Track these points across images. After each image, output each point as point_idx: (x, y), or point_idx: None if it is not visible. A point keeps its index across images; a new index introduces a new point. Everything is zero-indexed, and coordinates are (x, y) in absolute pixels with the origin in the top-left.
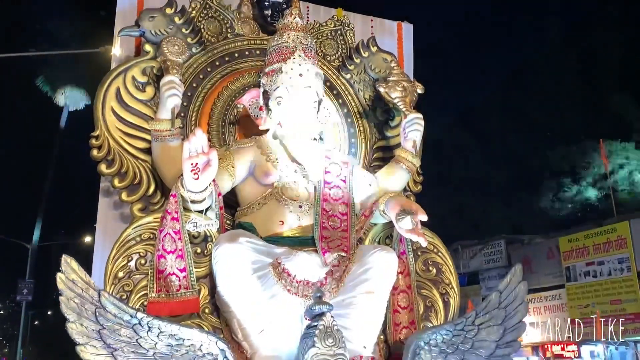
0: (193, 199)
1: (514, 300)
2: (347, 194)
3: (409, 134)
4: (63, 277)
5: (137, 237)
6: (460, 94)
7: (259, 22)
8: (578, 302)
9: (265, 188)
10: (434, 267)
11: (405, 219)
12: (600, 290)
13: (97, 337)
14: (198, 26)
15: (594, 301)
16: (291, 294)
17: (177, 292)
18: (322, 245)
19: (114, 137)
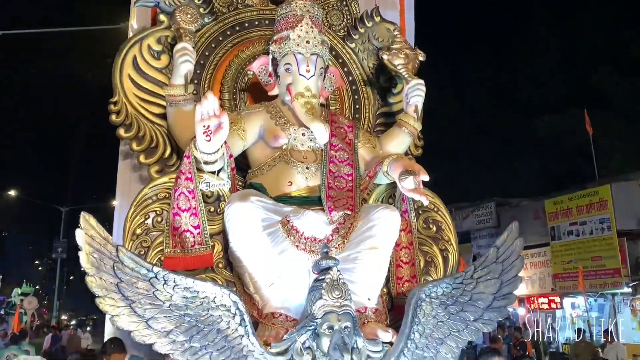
0: (206, 160)
1: (510, 256)
2: (352, 156)
3: (411, 99)
4: (82, 233)
5: (153, 197)
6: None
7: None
8: (561, 258)
9: (275, 151)
10: (434, 225)
11: (408, 179)
12: (582, 248)
13: (115, 290)
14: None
15: (576, 258)
16: (299, 250)
17: (191, 247)
18: (328, 204)
19: (132, 103)
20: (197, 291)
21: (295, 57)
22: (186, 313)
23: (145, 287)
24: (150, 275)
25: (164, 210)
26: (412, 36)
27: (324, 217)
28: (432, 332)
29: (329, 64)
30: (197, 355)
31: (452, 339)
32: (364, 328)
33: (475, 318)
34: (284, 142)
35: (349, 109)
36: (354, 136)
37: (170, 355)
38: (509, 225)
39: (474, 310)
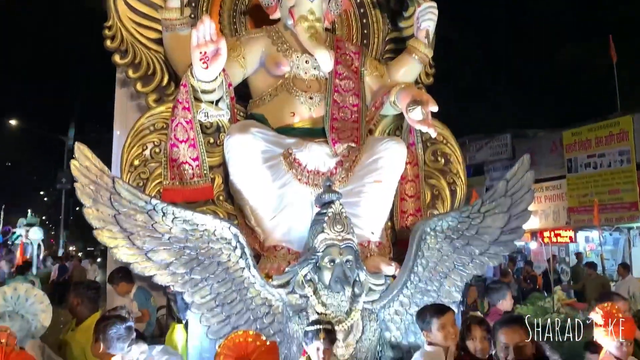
0: (203, 88)
1: (521, 189)
2: (358, 85)
3: (422, 24)
4: (77, 164)
5: (150, 127)
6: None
7: None
8: (577, 192)
9: (277, 79)
10: (443, 158)
11: (416, 110)
12: (599, 181)
13: (113, 221)
14: None
15: (592, 191)
16: (302, 183)
17: (190, 180)
18: (332, 136)
19: (127, 27)
20: (196, 224)
21: None
22: (186, 245)
23: (143, 219)
24: (148, 207)
25: (162, 141)
26: None
27: (327, 150)
28: (436, 266)
29: None
30: (197, 287)
31: (456, 272)
32: (367, 261)
33: (481, 252)
34: (287, 70)
35: (357, 34)
36: (360, 64)
37: (171, 287)
38: (520, 157)
39: (480, 244)
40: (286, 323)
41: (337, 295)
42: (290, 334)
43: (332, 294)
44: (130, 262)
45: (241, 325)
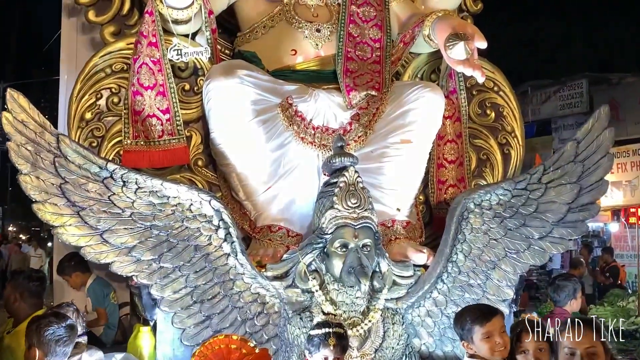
0: (175, 17)
1: (595, 152)
2: (382, 13)
3: None
4: (9, 117)
5: (106, 69)
6: None
7: None
8: None
9: (273, 5)
10: (493, 111)
11: (458, 46)
12: None
13: (58, 192)
14: None
15: None
16: (305, 143)
17: (159, 138)
18: (346, 82)
19: None
20: (167, 196)
21: None
22: (153, 224)
23: (98, 190)
24: (104, 174)
25: (121, 87)
26: None
27: (339, 99)
28: (482, 254)
29: None
30: (168, 278)
31: (508, 262)
32: (391, 247)
33: (542, 235)
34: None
35: None
36: None
37: (135, 278)
38: (597, 109)
39: (540, 225)
40: (284, 326)
41: (350, 291)
42: (290, 339)
43: (344, 289)
44: (81, 245)
45: (225, 329)
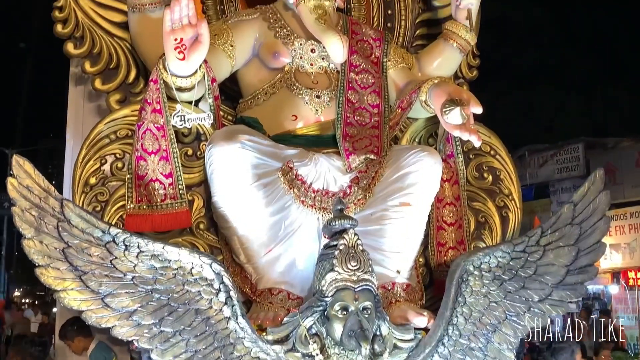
0: (179, 85)
1: (592, 215)
2: (380, 80)
3: (463, 1)
4: (15, 182)
5: (111, 135)
6: None
7: None
8: None
9: (274, 73)
10: (490, 174)
11: (454, 111)
12: None
13: (61, 257)
14: None
15: None
16: (306, 206)
17: (161, 202)
18: (345, 146)
19: (82, 8)
20: (168, 260)
21: None
22: (154, 288)
23: (100, 255)
24: (106, 238)
25: (125, 152)
26: None
27: (339, 163)
28: (482, 316)
29: None
30: (169, 343)
31: (508, 325)
32: (391, 310)
33: (541, 298)
34: (287, 62)
35: (378, 16)
36: (382, 53)
37: (135, 342)
38: (592, 173)
39: (539, 288)
40: None
41: (351, 355)
42: None
43: (344, 353)
44: (82, 309)
45: None
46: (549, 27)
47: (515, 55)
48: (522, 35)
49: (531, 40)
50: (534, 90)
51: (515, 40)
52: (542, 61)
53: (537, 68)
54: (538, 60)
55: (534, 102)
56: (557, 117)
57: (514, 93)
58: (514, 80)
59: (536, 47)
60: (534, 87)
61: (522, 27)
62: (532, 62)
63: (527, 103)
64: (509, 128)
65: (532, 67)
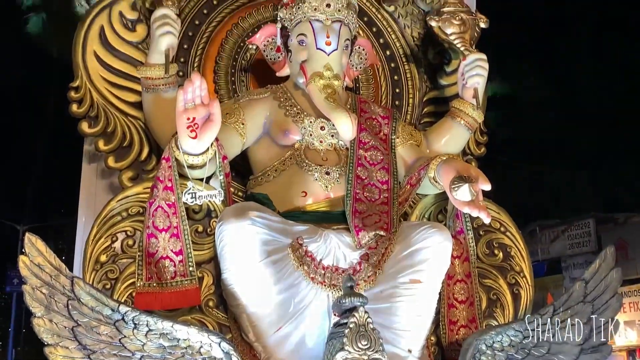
0: (191, 163)
1: (604, 292)
2: (388, 157)
3: (469, 80)
4: (27, 260)
5: (123, 212)
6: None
7: None
8: None
9: (284, 150)
10: (501, 251)
11: (462, 188)
12: None
13: (70, 336)
14: None
15: None
16: (315, 283)
17: (171, 280)
18: (355, 222)
19: (98, 89)
20: (177, 338)
21: (311, 26)
22: None
23: (109, 333)
24: (116, 316)
25: (136, 230)
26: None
27: (349, 240)
28: None
29: (357, 33)
30: None
31: None
32: None
33: None
34: (297, 139)
35: (386, 94)
36: (390, 130)
37: None
38: (604, 250)
39: None
40: None
41: None
42: None
43: None
44: None
45: None
46: (556, 104)
47: (523, 131)
48: (529, 112)
49: (539, 116)
50: (543, 165)
51: (523, 117)
52: (550, 137)
53: (546, 143)
54: (546, 136)
55: (543, 177)
56: (566, 191)
57: (522, 168)
58: (523, 155)
59: (544, 123)
60: (543, 162)
61: (530, 105)
62: (541, 137)
63: (536, 178)
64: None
65: (540, 142)
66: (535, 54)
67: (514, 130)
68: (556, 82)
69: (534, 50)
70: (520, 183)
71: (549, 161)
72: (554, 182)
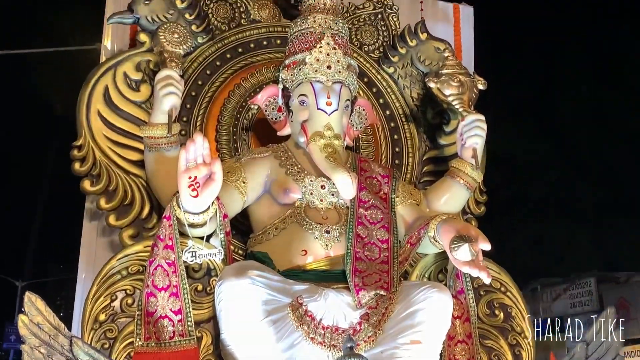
0: (192, 221)
1: (606, 354)
2: (388, 215)
3: (468, 141)
4: (26, 319)
5: (122, 271)
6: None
7: (281, 5)
8: None
9: (285, 208)
10: (502, 311)
11: (462, 248)
12: None
13: None
14: (205, 11)
15: None
16: (315, 344)
17: (170, 340)
18: (355, 281)
19: (101, 147)
20: None
21: (312, 87)
22: None
23: None
24: None
25: (136, 289)
26: (471, 57)
27: (349, 299)
28: None
29: (357, 94)
30: None
31: None
32: None
33: None
34: (298, 198)
35: (386, 153)
36: (390, 189)
37: None
38: (604, 311)
39: None
40: None
41: None
42: None
43: None
44: None
45: None
46: (557, 161)
47: (523, 189)
48: (529, 169)
49: (539, 174)
50: (544, 223)
51: (523, 175)
52: (551, 194)
53: (546, 201)
54: (546, 193)
55: (544, 235)
56: (568, 249)
57: (523, 227)
58: (523, 214)
59: (544, 181)
60: (544, 220)
61: (530, 162)
62: (541, 195)
63: (537, 236)
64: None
65: (541, 200)
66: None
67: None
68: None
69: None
70: (521, 242)
71: (550, 219)
72: (555, 241)
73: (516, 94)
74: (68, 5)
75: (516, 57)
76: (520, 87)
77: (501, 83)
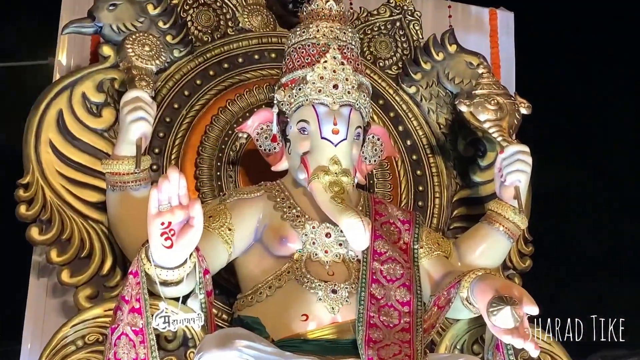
0: (164, 279)
1: None
2: (410, 271)
3: (508, 178)
4: None
5: (78, 341)
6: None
7: (276, 12)
8: None
9: (281, 262)
10: None
11: (503, 312)
12: None
13: None
14: (183, 18)
15: None
16: None
17: None
18: (369, 354)
19: (52, 186)
20: None
21: (315, 110)
22: None
23: None
24: None
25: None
26: (512, 72)
27: None
28: None
29: (371, 120)
30: None
31: None
32: None
33: None
34: (297, 249)
35: (407, 193)
36: (412, 238)
37: None
38: None
39: None
40: None
41: None
42: None
43: None
44: None
45: None
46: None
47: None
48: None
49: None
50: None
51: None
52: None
53: (606, 252)
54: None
55: (604, 294)
56: (633, 312)
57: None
58: (577, 267)
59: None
60: (604, 275)
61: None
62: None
63: (595, 295)
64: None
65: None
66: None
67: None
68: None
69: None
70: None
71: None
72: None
73: (559, 119)
74: (14, 12)
75: (565, 72)
76: (562, 112)
77: (549, 106)
